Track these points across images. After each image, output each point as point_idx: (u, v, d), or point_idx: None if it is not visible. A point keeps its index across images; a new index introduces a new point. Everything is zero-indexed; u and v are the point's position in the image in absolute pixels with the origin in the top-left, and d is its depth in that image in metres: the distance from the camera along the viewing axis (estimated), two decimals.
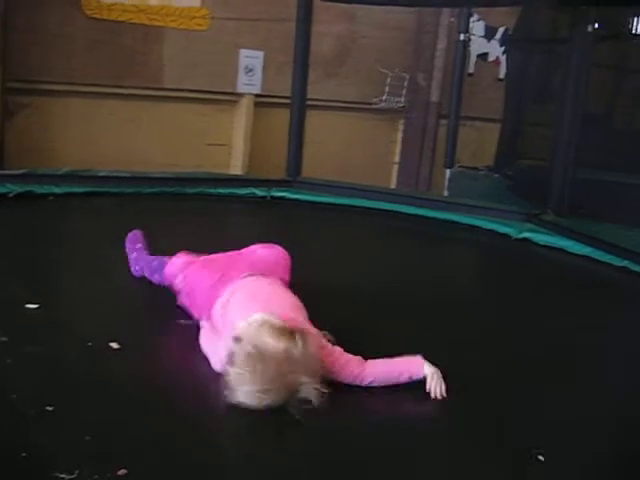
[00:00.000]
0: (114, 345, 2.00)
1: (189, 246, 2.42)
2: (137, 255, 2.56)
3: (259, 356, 1.73)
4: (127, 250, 2.61)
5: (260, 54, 5.00)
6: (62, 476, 1.40)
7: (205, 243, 2.54)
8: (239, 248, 2.43)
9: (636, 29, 5.18)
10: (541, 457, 1.67)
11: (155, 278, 2.44)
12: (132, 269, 2.56)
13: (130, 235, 2.65)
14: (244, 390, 1.72)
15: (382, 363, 1.96)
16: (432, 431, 1.81)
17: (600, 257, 3.59)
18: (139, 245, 2.60)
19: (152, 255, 2.54)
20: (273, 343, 1.76)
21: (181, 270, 2.29)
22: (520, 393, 2.05)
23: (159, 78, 4.66)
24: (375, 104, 5.61)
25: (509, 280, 3.31)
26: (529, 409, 1.96)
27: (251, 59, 4.98)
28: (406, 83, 5.69)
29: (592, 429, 1.90)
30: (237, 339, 1.79)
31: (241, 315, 1.94)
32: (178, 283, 2.28)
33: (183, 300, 2.26)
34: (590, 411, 1.98)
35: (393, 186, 5.81)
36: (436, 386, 1.92)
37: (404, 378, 1.94)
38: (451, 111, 5.38)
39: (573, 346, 2.46)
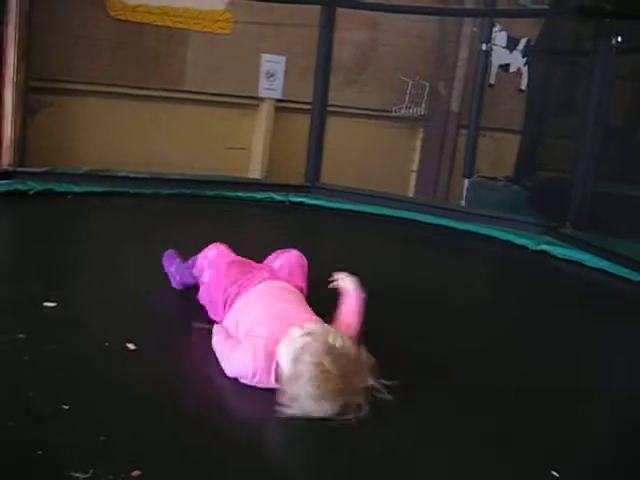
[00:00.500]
0: (131, 346, 2.01)
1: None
2: (176, 267, 2.54)
3: (332, 354, 1.73)
4: (165, 267, 2.57)
5: (282, 59, 5.00)
6: (77, 475, 1.40)
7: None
8: (257, 251, 2.45)
9: None
10: (555, 473, 1.66)
11: (190, 275, 2.43)
12: (173, 282, 2.53)
13: (166, 254, 2.61)
14: (311, 394, 1.70)
15: (354, 323, 2.06)
16: (431, 438, 1.80)
17: (617, 271, 3.57)
18: (177, 260, 2.57)
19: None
20: (344, 344, 1.77)
21: (210, 263, 2.31)
22: (528, 403, 2.05)
23: (181, 81, 4.68)
24: (395, 112, 5.60)
25: (525, 292, 3.30)
26: (535, 420, 1.95)
27: (273, 64, 4.98)
28: (427, 92, 5.67)
29: (594, 438, 1.90)
30: (308, 333, 1.80)
31: (257, 321, 1.96)
32: (203, 277, 2.31)
33: (202, 295, 2.28)
34: (595, 422, 1.99)
35: (411, 194, 5.80)
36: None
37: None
38: (471, 121, 5.36)
39: (585, 358, 2.47)
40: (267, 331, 1.90)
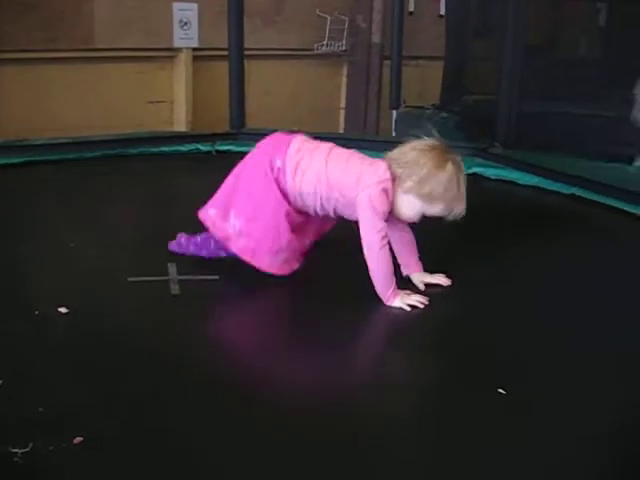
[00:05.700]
0: (62, 310, 1.95)
1: (132, 208, 2.36)
2: (194, 246, 2.33)
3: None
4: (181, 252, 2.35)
5: (194, 6, 4.85)
6: (15, 451, 1.36)
7: (151, 201, 2.49)
8: (186, 203, 2.41)
9: None
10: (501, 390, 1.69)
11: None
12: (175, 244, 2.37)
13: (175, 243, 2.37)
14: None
15: None
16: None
17: (549, 186, 3.62)
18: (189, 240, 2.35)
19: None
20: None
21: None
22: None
23: (90, 39, 4.51)
24: (317, 49, 5.51)
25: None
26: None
27: (185, 12, 4.84)
28: (346, 26, 5.59)
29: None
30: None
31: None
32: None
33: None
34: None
35: (341, 132, 5.75)
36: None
37: None
38: (393, 51, 5.31)
39: (523, 270, 2.54)
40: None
